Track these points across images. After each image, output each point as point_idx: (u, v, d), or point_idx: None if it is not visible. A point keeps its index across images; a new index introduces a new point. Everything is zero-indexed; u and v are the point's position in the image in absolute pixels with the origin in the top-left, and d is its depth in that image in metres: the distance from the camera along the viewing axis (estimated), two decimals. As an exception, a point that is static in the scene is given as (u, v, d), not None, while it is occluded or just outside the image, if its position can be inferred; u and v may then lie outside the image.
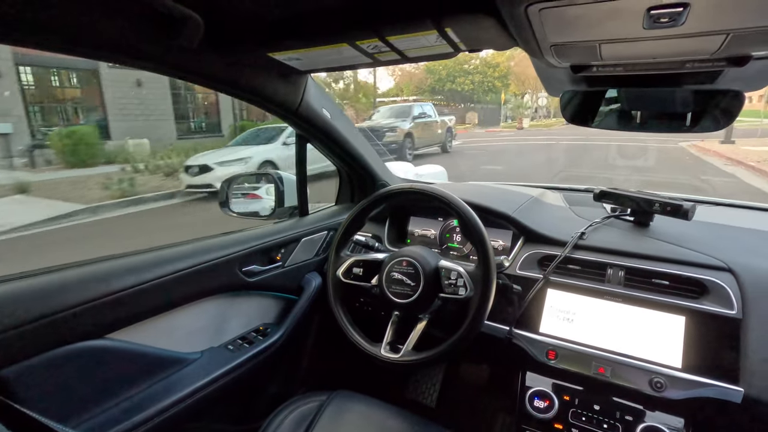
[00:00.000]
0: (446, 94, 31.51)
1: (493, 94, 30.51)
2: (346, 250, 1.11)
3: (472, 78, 30.35)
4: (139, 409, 0.85)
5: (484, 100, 32.01)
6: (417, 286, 0.94)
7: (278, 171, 1.39)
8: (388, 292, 0.98)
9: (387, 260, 1.00)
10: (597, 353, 0.93)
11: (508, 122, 28.12)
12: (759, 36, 0.52)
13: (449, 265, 0.96)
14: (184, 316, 1.00)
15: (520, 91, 33.25)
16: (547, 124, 28.73)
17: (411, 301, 0.95)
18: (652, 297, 0.93)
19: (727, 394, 0.80)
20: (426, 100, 28.42)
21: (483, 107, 31.20)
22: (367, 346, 0.98)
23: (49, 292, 0.74)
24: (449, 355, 0.91)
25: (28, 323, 0.69)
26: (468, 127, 27.34)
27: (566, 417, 0.95)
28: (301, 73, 0.99)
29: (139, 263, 0.89)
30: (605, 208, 1.23)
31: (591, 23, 0.53)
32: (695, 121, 0.88)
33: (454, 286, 0.94)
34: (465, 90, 30.58)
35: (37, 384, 0.72)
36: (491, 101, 30.81)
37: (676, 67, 0.68)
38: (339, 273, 1.05)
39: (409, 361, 0.93)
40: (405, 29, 0.64)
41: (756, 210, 1.27)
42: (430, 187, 1.02)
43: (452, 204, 0.96)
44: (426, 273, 0.94)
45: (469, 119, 29.70)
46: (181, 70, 0.80)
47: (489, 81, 30.46)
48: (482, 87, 30.70)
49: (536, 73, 0.86)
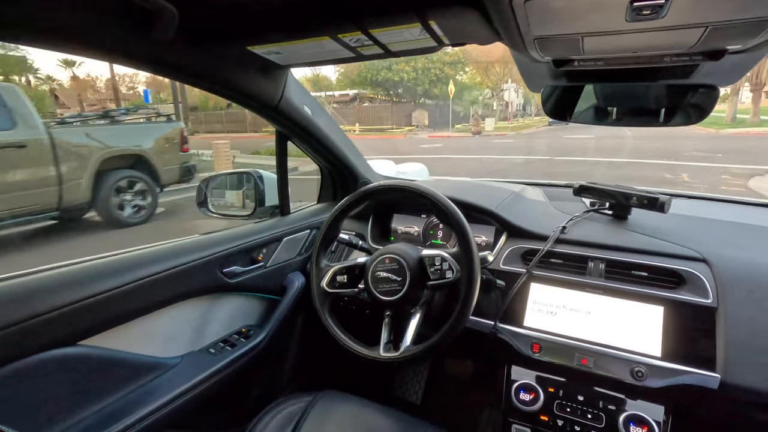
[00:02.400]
0: (387, 86, 24.84)
1: (446, 87, 23.28)
2: (326, 256, 1.07)
3: (414, 64, 22.99)
4: (116, 418, 0.82)
5: (434, 95, 25.13)
6: (404, 281, 0.93)
7: (258, 170, 1.37)
8: (376, 292, 0.96)
9: (369, 262, 0.98)
10: (580, 345, 0.94)
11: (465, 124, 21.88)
12: (735, 30, 0.54)
13: (431, 252, 0.95)
14: (162, 319, 0.98)
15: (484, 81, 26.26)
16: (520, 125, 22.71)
17: (400, 297, 0.94)
18: (632, 288, 0.96)
19: (705, 381, 0.82)
20: (372, 95, 24.18)
21: (437, 104, 24.32)
22: (365, 351, 0.96)
23: (17, 298, 0.71)
24: (450, 337, 0.90)
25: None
26: (413, 129, 21.84)
27: (551, 408, 0.97)
28: (281, 67, 0.97)
29: (114, 266, 0.86)
30: (584, 203, 1.25)
31: (575, 15, 0.53)
32: (668, 116, 0.91)
33: (440, 271, 0.93)
34: (407, 80, 23.49)
35: (7, 394, 0.69)
36: (446, 95, 23.03)
37: (655, 61, 0.70)
38: (323, 284, 1.03)
39: (411, 355, 0.91)
40: (388, 22, 0.64)
41: (729, 203, 1.34)
42: (414, 184, 1.01)
43: (435, 200, 0.95)
44: (410, 265, 0.94)
45: (417, 119, 23.30)
46: (157, 65, 0.78)
47: (437, 68, 23.22)
48: (428, 76, 23.27)
49: (517, 68, 0.85)
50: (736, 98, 20.75)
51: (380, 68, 23.50)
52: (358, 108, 25.60)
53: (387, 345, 0.95)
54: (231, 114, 30.61)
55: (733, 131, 16.24)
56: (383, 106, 25.36)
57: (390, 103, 25.29)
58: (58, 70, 58.32)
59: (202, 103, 32.68)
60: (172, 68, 0.80)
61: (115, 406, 0.85)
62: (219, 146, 9.29)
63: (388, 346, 0.95)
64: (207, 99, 32.76)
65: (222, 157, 9.25)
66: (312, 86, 23.64)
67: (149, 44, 0.71)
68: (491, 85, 27.25)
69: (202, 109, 32.46)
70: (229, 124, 30.43)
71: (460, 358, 1.63)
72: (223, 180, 1.45)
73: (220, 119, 30.68)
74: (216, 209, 1.39)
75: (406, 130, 21.85)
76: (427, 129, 22.57)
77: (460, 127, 21.62)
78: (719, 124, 19.25)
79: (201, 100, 33.10)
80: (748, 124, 17.84)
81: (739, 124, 18.85)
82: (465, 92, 23.66)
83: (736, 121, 20.11)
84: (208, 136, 26.76)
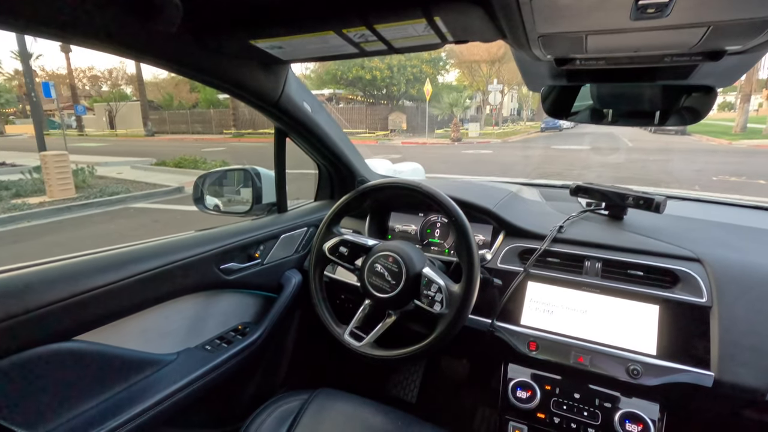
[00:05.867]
0: (362, 86, 22.07)
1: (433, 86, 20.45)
2: (338, 227, 1.10)
3: (389, 62, 20.23)
4: (111, 414, 0.81)
5: (412, 96, 22.84)
6: (396, 286, 0.94)
7: (255, 167, 1.35)
8: (366, 282, 0.98)
9: (375, 250, 1.00)
10: (576, 343, 0.95)
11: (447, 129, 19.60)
12: (736, 29, 0.54)
13: (433, 276, 0.93)
14: (158, 316, 0.97)
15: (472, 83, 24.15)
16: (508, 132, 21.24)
17: (386, 298, 0.95)
18: (628, 287, 0.96)
19: (699, 379, 0.83)
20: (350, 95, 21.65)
21: (417, 106, 21.60)
22: (333, 327, 1.01)
23: (15, 292, 0.70)
24: (406, 362, 0.94)
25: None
26: (389, 134, 19.83)
27: (548, 406, 0.97)
28: (283, 62, 0.96)
29: (110, 261, 0.85)
30: (581, 203, 1.26)
31: (580, 13, 0.54)
32: (663, 117, 0.91)
33: (431, 299, 0.92)
34: (380, 79, 20.66)
35: (2, 390, 0.69)
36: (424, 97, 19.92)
37: (655, 61, 0.71)
38: (325, 247, 1.05)
39: (365, 353, 0.95)
40: (394, 17, 0.64)
41: (723, 205, 1.34)
42: (417, 182, 1.01)
43: (439, 200, 0.95)
44: (409, 276, 0.94)
45: (394, 123, 20.75)
46: (159, 57, 0.77)
47: (414, 66, 20.49)
48: (404, 75, 20.56)
49: (517, 67, 0.86)
50: (747, 105, 18.71)
51: (352, 65, 20.78)
52: (329, 110, 23.25)
53: (352, 331, 0.99)
54: (196, 114, 28.59)
55: (753, 144, 14.10)
56: (357, 108, 23.12)
57: (365, 105, 23.02)
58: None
59: (166, 102, 30.50)
60: (173, 61, 0.79)
61: (111, 402, 0.84)
62: (48, 160, 6.78)
63: (352, 334, 0.99)
64: (171, 98, 30.66)
65: (54, 176, 6.79)
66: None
67: (152, 36, 0.70)
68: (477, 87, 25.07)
69: (166, 108, 30.27)
70: (194, 125, 28.44)
71: (457, 356, 1.62)
72: (220, 177, 1.43)
73: (185, 119, 28.58)
74: (212, 206, 1.38)
75: (381, 135, 19.91)
76: (406, 134, 20.63)
77: (441, 133, 19.88)
78: (730, 135, 17.20)
79: (165, 99, 30.91)
80: (763, 136, 15.72)
81: (752, 134, 16.80)
82: (444, 93, 20.63)
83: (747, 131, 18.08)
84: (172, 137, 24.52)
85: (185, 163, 9.78)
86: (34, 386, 0.72)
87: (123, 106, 29.23)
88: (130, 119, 29.22)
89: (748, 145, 13.86)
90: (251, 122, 23.64)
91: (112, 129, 29.74)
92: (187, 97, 30.76)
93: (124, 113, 29.18)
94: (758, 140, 14.72)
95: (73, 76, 28.58)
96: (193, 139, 23.33)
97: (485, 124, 24.04)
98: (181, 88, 30.95)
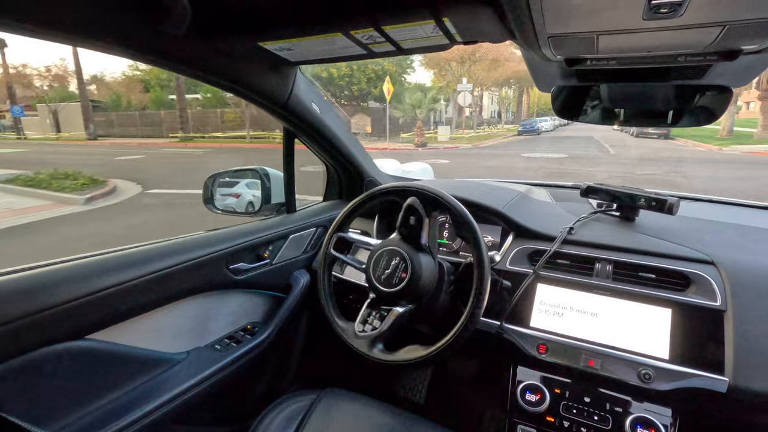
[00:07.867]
0: (321, 84, 18.40)
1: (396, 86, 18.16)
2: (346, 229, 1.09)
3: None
4: (123, 411, 0.82)
5: (375, 96, 20.24)
6: (402, 280, 0.92)
7: (264, 167, 1.36)
8: (372, 275, 0.96)
9: (381, 245, 0.98)
10: (586, 346, 0.94)
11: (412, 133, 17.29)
12: (753, 29, 0.53)
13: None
14: (169, 315, 0.98)
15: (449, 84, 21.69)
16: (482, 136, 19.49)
17: (391, 292, 0.93)
18: (639, 290, 0.95)
19: (713, 384, 0.81)
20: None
21: (384, 108, 18.74)
22: (340, 323, 0.99)
23: (29, 291, 0.71)
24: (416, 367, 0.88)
25: (6, 324, 0.66)
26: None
27: (558, 410, 0.96)
28: (291, 64, 0.96)
29: (123, 261, 0.86)
30: (591, 204, 1.25)
31: (591, 13, 0.53)
32: (677, 117, 0.90)
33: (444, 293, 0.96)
34: (337, 78, 18.87)
35: (15, 387, 0.70)
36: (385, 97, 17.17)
37: (669, 62, 0.69)
38: (333, 249, 1.05)
39: (375, 358, 0.93)
40: (402, 18, 0.64)
41: (737, 206, 1.32)
42: (423, 185, 1.00)
43: (447, 202, 0.94)
44: (414, 271, 0.92)
45: (357, 126, 18.90)
46: (168, 59, 0.78)
47: (376, 63, 18.35)
48: (365, 74, 18.59)
49: (527, 68, 0.85)
50: (733, 108, 17.28)
51: (306, 62, 18.48)
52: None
53: (361, 328, 0.96)
54: (146, 116, 26.16)
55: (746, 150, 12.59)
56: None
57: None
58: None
59: (113, 103, 28.00)
60: (182, 63, 0.80)
61: (122, 400, 0.85)
62: None
63: (362, 331, 0.95)
64: (119, 98, 28.19)
65: None
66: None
67: (161, 38, 0.71)
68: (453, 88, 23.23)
69: (113, 109, 27.75)
70: (143, 128, 25.99)
71: (465, 358, 1.61)
72: (229, 177, 1.45)
73: (133, 121, 26.13)
74: (222, 206, 1.40)
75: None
76: (370, 137, 18.74)
77: (408, 137, 17.73)
78: (717, 139, 15.69)
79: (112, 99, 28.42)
80: (756, 141, 14.27)
81: (741, 138, 15.37)
82: (406, 94, 18.77)
83: (734, 135, 16.65)
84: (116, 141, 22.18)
85: (47, 181, 6.97)
86: (47, 384, 0.74)
87: (63, 108, 26.66)
88: (77, 121, 26.68)
89: (742, 152, 12.37)
90: (202, 125, 21.50)
91: (59, 131, 27.16)
92: (141, 98, 28.39)
93: (70, 114, 26.65)
94: (751, 146, 13.28)
95: (9, 75, 25.95)
96: (137, 144, 21.09)
97: (465, 127, 22.31)
98: (134, 88, 28.59)
